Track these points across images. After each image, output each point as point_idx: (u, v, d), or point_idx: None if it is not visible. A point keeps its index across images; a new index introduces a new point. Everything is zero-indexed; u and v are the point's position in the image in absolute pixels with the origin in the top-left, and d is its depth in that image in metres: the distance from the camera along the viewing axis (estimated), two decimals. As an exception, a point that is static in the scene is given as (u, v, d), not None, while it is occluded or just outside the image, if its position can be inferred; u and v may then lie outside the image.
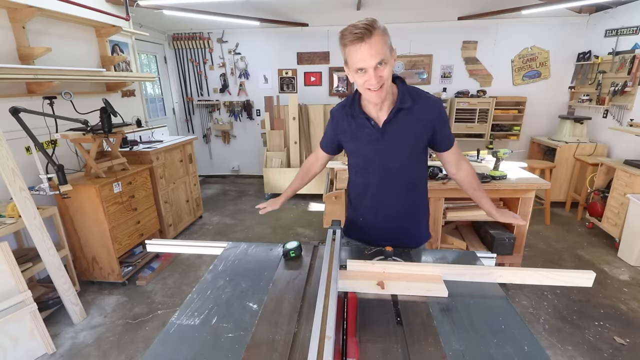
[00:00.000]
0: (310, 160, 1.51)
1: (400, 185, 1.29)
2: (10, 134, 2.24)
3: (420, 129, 1.21)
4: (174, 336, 0.89)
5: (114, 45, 3.47)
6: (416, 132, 1.21)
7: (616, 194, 3.25)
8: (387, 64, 1.04)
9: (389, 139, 1.21)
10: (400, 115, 1.18)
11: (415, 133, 1.21)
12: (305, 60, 5.16)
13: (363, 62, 1.02)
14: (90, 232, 2.62)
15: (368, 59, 1.01)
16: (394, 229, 1.34)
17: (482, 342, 0.84)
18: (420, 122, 1.20)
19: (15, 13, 2.42)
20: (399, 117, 1.18)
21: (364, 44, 0.99)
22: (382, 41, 1.01)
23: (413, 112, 1.18)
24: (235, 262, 1.25)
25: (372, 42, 0.99)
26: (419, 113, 1.19)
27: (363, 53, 1.00)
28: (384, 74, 1.05)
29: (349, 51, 1.04)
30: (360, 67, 1.04)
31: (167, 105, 5.36)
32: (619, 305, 2.45)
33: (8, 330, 1.93)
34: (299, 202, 4.66)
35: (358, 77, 1.08)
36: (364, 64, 1.02)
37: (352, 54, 1.03)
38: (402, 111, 1.18)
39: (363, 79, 1.06)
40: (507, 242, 2.54)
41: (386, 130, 1.20)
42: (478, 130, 4.76)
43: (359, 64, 1.03)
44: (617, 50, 3.93)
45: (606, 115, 4.11)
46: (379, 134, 1.20)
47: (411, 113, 1.18)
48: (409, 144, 1.23)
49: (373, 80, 1.04)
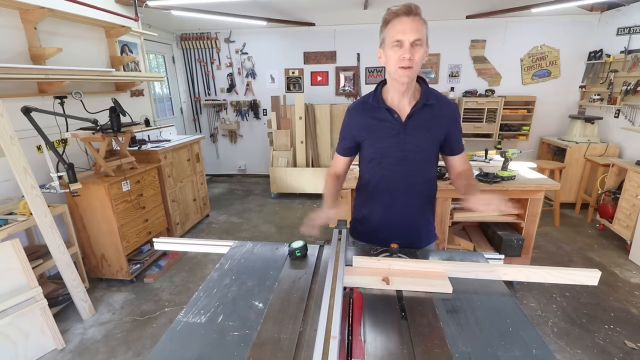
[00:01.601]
0: (331, 172, 1.41)
1: (415, 181, 1.29)
2: (22, 133, 2.27)
3: (439, 127, 1.23)
4: (181, 334, 0.89)
5: (123, 46, 3.51)
6: (435, 130, 1.23)
7: (628, 196, 3.19)
8: (421, 47, 1.07)
9: (411, 133, 1.21)
10: (423, 111, 1.20)
11: (435, 130, 1.23)
12: (312, 59, 5.16)
13: (403, 34, 1.05)
14: (100, 230, 2.66)
15: (409, 32, 1.04)
16: (403, 225, 1.34)
17: (489, 345, 0.83)
18: (440, 121, 1.23)
19: (27, 14, 2.46)
20: (422, 113, 1.21)
21: (408, 18, 1.05)
22: (423, 25, 1.07)
23: (434, 111, 1.21)
24: (241, 261, 1.26)
25: (416, 20, 1.05)
26: (440, 113, 1.22)
27: (405, 26, 1.05)
28: (417, 56, 1.07)
29: (391, 25, 1.07)
30: (398, 39, 1.06)
31: (175, 105, 5.41)
32: (630, 309, 2.41)
33: (19, 325, 1.97)
34: (304, 202, 4.67)
35: (393, 53, 1.09)
36: (403, 36, 1.05)
37: (394, 26, 1.06)
38: (426, 107, 1.21)
39: (398, 54, 1.07)
40: (515, 243, 2.51)
41: (408, 124, 1.21)
42: (486, 130, 4.71)
43: (399, 36, 1.05)
44: (630, 48, 3.85)
45: (618, 115, 4.03)
46: (400, 128, 1.21)
47: (432, 111, 1.21)
48: (428, 140, 1.24)
49: (407, 54, 1.05)
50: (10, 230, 2.04)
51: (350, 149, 1.35)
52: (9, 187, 2.38)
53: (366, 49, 5.01)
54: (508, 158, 2.52)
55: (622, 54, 3.93)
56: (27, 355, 1.99)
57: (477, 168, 2.68)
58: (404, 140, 1.22)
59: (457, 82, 4.96)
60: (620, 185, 3.41)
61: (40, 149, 2.57)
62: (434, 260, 1.18)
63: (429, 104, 1.20)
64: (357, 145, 1.33)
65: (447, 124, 1.23)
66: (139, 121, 3.33)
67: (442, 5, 4.39)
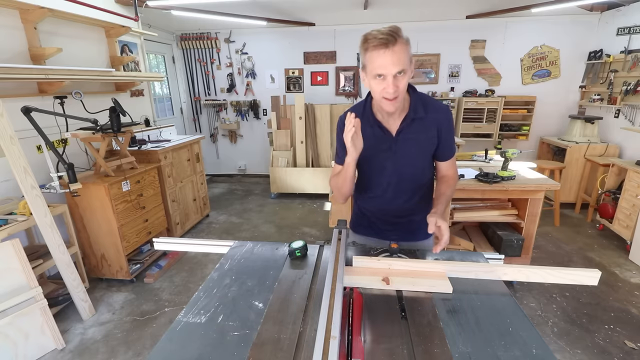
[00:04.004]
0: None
1: (410, 188, 1.30)
2: (22, 133, 2.27)
3: (431, 137, 1.23)
4: (181, 334, 0.89)
5: (123, 46, 3.51)
6: (427, 140, 1.23)
7: (628, 196, 3.19)
8: (405, 74, 1.04)
9: (403, 147, 1.21)
10: (413, 125, 1.19)
11: (426, 141, 1.23)
12: (312, 59, 5.16)
13: (384, 69, 1.00)
14: (100, 230, 2.66)
15: (390, 67, 1.00)
16: (403, 225, 1.36)
17: (489, 345, 0.83)
18: (431, 130, 1.22)
19: (27, 14, 2.46)
20: (412, 126, 1.20)
21: (387, 50, 0.98)
22: (405, 51, 1.00)
23: (425, 122, 1.20)
24: (241, 261, 1.26)
25: (396, 50, 0.98)
26: (430, 122, 1.21)
27: (385, 60, 0.99)
28: (402, 84, 1.04)
29: (370, 56, 1.02)
30: (379, 74, 1.02)
31: (175, 105, 5.41)
32: (630, 309, 2.41)
33: (19, 325, 1.97)
34: (304, 202, 4.67)
35: (375, 84, 1.06)
36: (384, 70, 1.01)
37: (374, 59, 1.01)
38: (415, 121, 1.19)
39: (381, 86, 1.04)
40: (515, 243, 2.51)
41: (399, 138, 1.21)
42: (486, 130, 4.71)
43: (379, 70, 1.01)
44: (630, 48, 3.85)
45: (618, 115, 4.03)
46: (392, 142, 1.21)
47: (423, 122, 1.20)
48: (421, 150, 1.24)
49: (390, 89, 1.03)
50: (10, 230, 2.04)
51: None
52: (9, 187, 2.38)
53: (366, 49, 5.00)
54: (508, 158, 2.52)
55: (622, 54, 3.93)
56: (27, 355, 2.00)
57: (477, 168, 2.68)
58: (397, 154, 1.22)
59: (457, 82, 4.96)
60: (620, 185, 3.41)
61: (40, 149, 2.57)
62: (434, 260, 1.18)
63: (418, 117, 1.18)
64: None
65: (439, 132, 1.22)
66: (139, 121, 3.33)
67: (442, 5, 4.39)
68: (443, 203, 1.21)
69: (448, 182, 1.30)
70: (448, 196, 1.26)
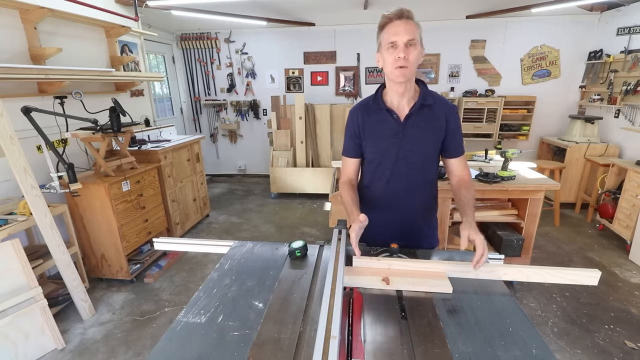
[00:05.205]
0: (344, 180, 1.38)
1: (416, 181, 1.31)
2: (22, 133, 2.27)
3: (438, 128, 1.25)
4: (181, 334, 0.89)
5: (123, 46, 3.51)
6: (434, 130, 1.25)
7: (628, 196, 3.19)
8: (415, 47, 1.11)
9: (410, 133, 1.24)
10: (421, 112, 1.23)
11: (434, 130, 1.25)
12: (312, 59, 5.16)
13: (397, 36, 1.10)
14: (100, 230, 2.66)
15: (402, 34, 1.09)
16: (405, 227, 1.35)
17: (489, 345, 0.83)
18: (439, 121, 1.24)
19: (27, 14, 2.46)
20: (421, 113, 1.23)
21: (400, 21, 1.10)
22: (416, 27, 1.12)
23: (433, 111, 1.24)
24: (241, 261, 1.26)
25: (409, 22, 1.11)
26: (439, 113, 1.24)
27: (398, 28, 1.10)
28: (411, 56, 1.11)
29: (385, 29, 1.13)
30: (392, 41, 1.10)
31: (175, 105, 5.41)
32: (630, 309, 2.41)
33: (19, 325, 1.97)
34: (304, 202, 4.67)
35: (388, 54, 1.13)
36: (396, 37, 1.10)
37: (388, 30, 1.12)
38: (424, 107, 1.23)
39: (393, 55, 1.11)
40: (516, 243, 2.51)
41: (407, 124, 1.23)
42: (486, 130, 4.71)
43: (392, 38, 1.10)
44: (630, 48, 3.85)
45: (618, 115, 4.03)
46: (399, 128, 1.24)
47: (431, 111, 1.24)
48: (428, 139, 1.26)
49: (402, 54, 1.10)
50: (10, 230, 2.04)
51: (356, 150, 1.35)
52: (9, 187, 2.38)
53: (366, 49, 5.00)
54: (508, 158, 2.52)
55: (622, 54, 3.93)
56: (27, 355, 1.99)
57: (477, 168, 2.68)
58: (403, 139, 1.24)
59: (457, 82, 4.96)
60: (620, 185, 3.41)
61: (40, 149, 2.57)
62: (434, 260, 1.18)
63: (427, 104, 1.22)
64: (361, 145, 1.33)
65: (446, 124, 1.25)
66: (139, 121, 3.33)
67: (442, 5, 4.39)
68: (471, 212, 1.19)
69: (466, 185, 1.29)
70: (472, 201, 1.24)
